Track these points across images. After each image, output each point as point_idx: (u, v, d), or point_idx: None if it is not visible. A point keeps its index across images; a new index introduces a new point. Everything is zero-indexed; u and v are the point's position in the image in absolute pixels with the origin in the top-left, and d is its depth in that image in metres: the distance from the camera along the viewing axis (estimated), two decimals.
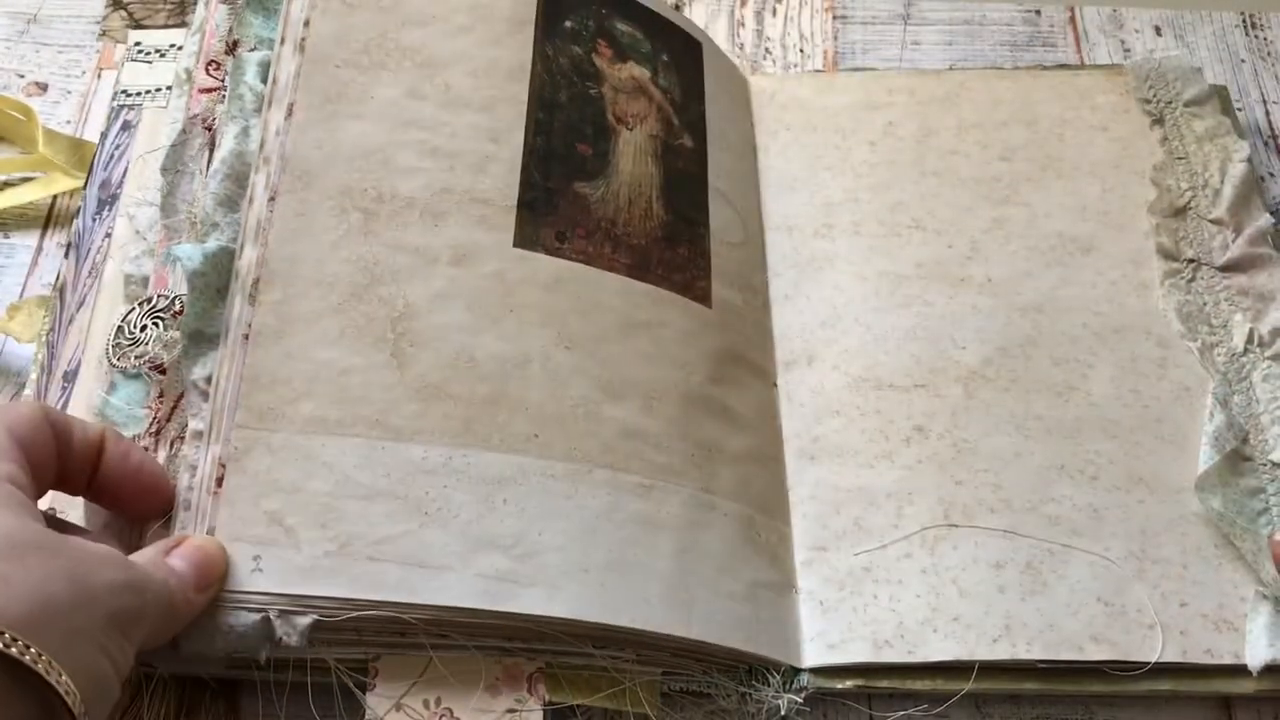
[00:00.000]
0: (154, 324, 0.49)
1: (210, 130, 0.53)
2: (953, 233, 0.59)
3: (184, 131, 0.53)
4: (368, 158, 0.51)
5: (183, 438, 0.46)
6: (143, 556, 0.41)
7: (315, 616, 0.43)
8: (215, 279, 0.48)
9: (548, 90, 0.55)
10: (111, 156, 0.58)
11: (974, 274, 0.58)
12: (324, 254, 0.48)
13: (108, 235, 0.55)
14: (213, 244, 0.49)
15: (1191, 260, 0.58)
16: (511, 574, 0.45)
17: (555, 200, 0.53)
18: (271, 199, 0.48)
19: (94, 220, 0.56)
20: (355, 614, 0.43)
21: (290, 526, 0.44)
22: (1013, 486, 0.51)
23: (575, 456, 0.48)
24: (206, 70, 0.55)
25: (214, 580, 0.42)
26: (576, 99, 0.56)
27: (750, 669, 0.47)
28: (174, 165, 0.52)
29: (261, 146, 0.50)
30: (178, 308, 0.49)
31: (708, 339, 0.53)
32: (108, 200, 0.56)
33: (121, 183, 0.57)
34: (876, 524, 0.51)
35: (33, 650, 0.35)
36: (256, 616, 0.42)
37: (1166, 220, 0.60)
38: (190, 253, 0.48)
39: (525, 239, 0.51)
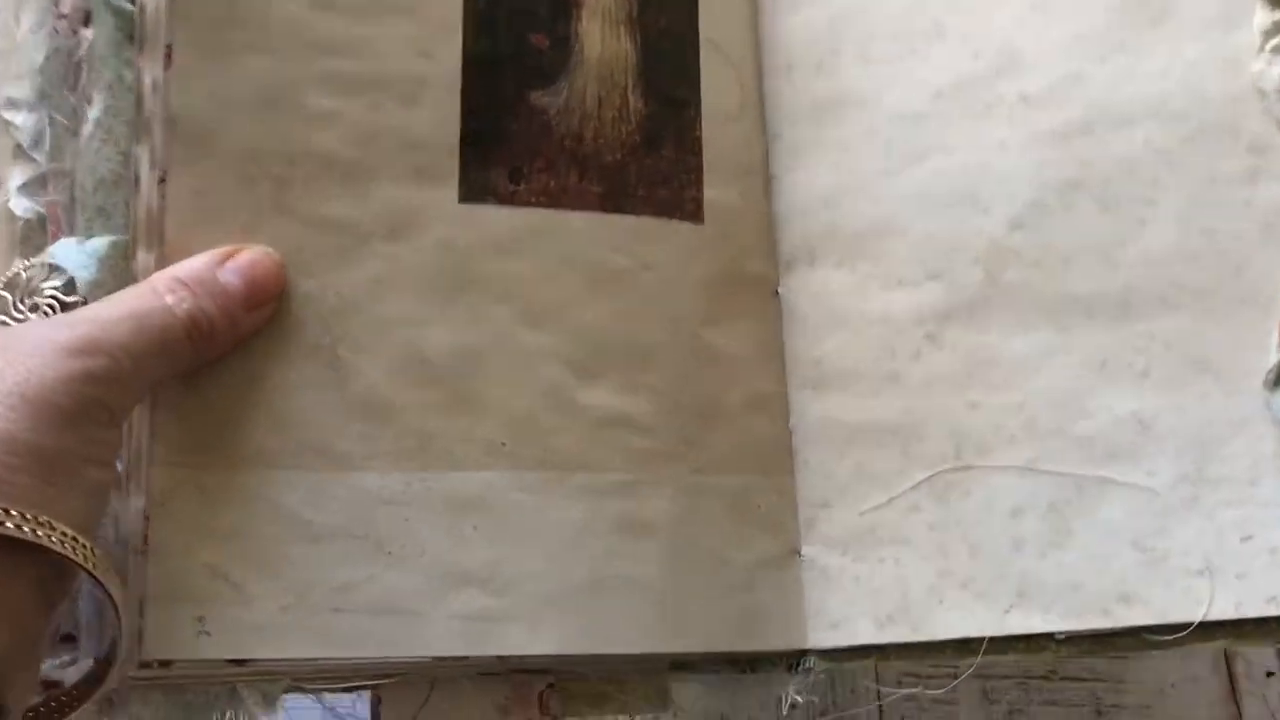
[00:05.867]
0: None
1: (79, 67, 0.42)
2: (980, 36, 0.46)
3: (49, 58, 0.42)
4: (273, 105, 0.42)
5: None
6: (189, 267, 0.40)
7: (287, 681, 0.42)
8: (115, 283, 0.41)
9: None
10: None
11: (1004, 93, 0.46)
12: (232, 245, 0.42)
13: None
14: (101, 240, 0.41)
15: None
16: (489, 612, 0.43)
17: (505, 124, 0.46)
18: (161, 180, 0.41)
19: None
20: (328, 671, 0.42)
21: (236, 581, 0.40)
22: (1038, 402, 0.43)
23: (549, 463, 0.44)
24: None
25: (268, 297, 0.41)
26: None
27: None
28: (44, 97, 0.42)
29: (139, 107, 0.42)
30: None
31: (700, 266, 0.47)
32: None
33: None
34: (881, 470, 0.45)
35: (15, 514, 0.32)
36: (220, 688, 0.41)
37: None
38: (78, 259, 0.40)
39: (472, 188, 0.45)
